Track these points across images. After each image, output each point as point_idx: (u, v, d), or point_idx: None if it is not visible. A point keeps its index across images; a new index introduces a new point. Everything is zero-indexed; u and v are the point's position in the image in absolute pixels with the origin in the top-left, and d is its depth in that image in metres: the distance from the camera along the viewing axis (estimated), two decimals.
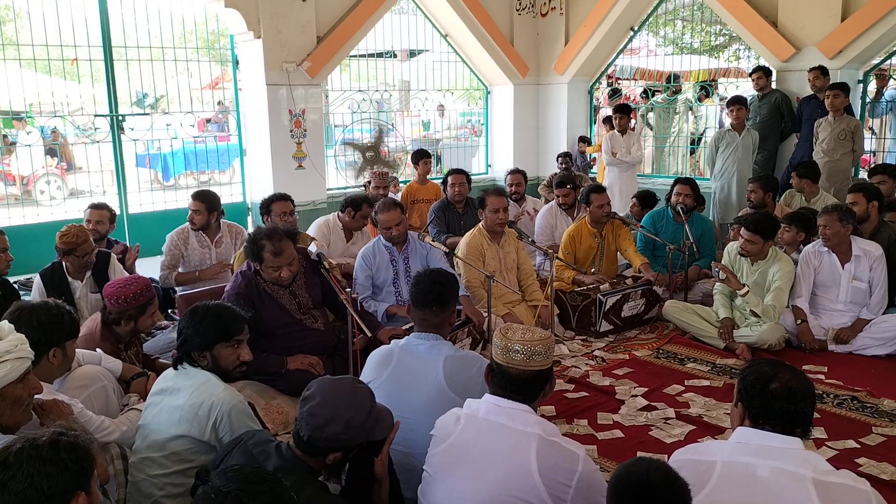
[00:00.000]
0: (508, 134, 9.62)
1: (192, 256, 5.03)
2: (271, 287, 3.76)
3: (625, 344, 4.89)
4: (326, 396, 2.13)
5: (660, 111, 9.73)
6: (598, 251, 5.49)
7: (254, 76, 7.33)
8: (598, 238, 5.48)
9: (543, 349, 2.16)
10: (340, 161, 8.64)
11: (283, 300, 3.78)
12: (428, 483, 2.23)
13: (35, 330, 2.46)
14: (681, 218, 5.62)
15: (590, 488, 2.06)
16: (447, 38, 9.12)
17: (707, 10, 8.64)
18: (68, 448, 1.63)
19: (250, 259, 3.75)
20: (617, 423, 3.67)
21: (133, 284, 3.33)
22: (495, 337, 2.21)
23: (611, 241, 5.57)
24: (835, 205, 4.77)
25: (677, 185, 5.78)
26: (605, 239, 5.54)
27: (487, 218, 4.92)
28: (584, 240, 5.47)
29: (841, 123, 6.70)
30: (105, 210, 5.03)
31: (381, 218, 4.56)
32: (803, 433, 1.96)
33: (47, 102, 7.40)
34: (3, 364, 2.07)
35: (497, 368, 2.18)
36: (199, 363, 2.59)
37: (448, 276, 2.95)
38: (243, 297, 3.60)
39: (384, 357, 2.79)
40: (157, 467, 2.49)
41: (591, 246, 5.46)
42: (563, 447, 2.09)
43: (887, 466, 3.15)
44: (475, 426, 2.17)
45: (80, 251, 4.16)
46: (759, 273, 4.72)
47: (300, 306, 3.84)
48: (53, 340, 2.57)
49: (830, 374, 4.25)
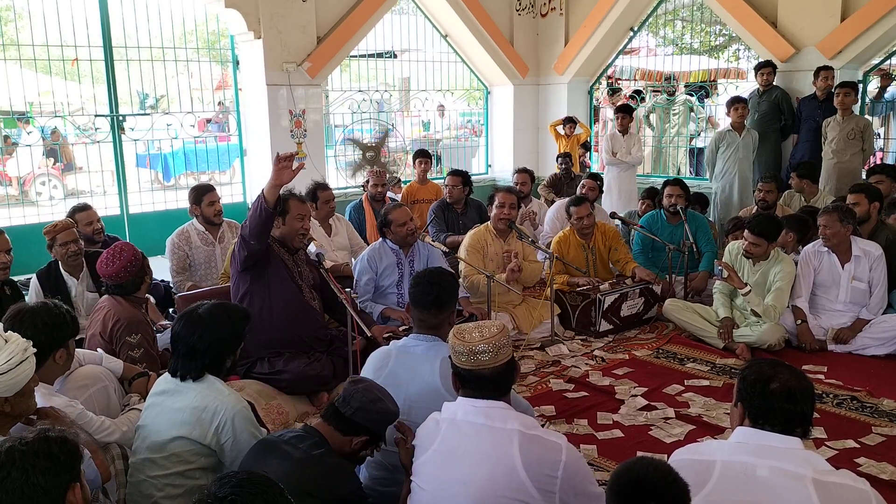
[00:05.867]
0: (508, 134, 9.62)
1: (196, 255, 4.99)
2: (277, 248, 3.89)
3: (624, 344, 4.89)
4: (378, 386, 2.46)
5: (660, 111, 9.74)
6: (589, 261, 5.38)
7: (254, 76, 7.33)
8: (586, 250, 5.39)
9: (505, 340, 2.18)
10: (341, 161, 8.65)
11: (288, 263, 3.92)
12: (417, 493, 2.21)
13: (39, 332, 2.47)
14: (676, 218, 5.63)
15: (576, 476, 2.07)
16: (447, 38, 9.12)
17: (707, 10, 8.64)
18: (58, 442, 1.69)
19: None
20: (617, 423, 3.67)
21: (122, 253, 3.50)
22: (454, 345, 2.19)
23: (602, 249, 5.47)
24: (835, 205, 4.75)
25: (667, 186, 5.77)
26: (595, 248, 5.44)
27: (493, 213, 5.01)
28: (571, 249, 5.38)
29: (850, 123, 6.67)
30: (91, 209, 5.02)
31: (394, 217, 4.55)
32: (803, 433, 1.96)
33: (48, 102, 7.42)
34: (28, 360, 2.19)
35: (468, 374, 2.17)
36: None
37: (446, 277, 2.92)
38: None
39: (382, 358, 2.78)
40: (156, 468, 2.49)
41: (579, 255, 5.36)
42: (545, 439, 2.10)
43: (887, 466, 3.15)
44: (455, 430, 2.16)
45: (59, 239, 4.17)
46: (761, 273, 4.72)
47: (301, 276, 3.96)
48: (58, 341, 2.58)
49: (830, 374, 4.25)
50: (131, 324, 3.40)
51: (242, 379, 3.74)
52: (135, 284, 3.51)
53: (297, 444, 2.27)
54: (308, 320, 3.91)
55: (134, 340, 3.39)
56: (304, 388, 3.79)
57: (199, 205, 4.98)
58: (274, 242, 3.88)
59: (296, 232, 3.92)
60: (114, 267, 3.45)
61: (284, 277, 3.86)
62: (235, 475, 1.59)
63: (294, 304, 3.85)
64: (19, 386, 2.18)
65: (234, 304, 2.97)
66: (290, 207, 3.88)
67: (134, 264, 3.48)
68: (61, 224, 4.24)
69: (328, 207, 5.51)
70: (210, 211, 4.97)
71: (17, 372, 2.15)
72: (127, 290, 3.49)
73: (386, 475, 2.58)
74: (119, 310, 3.43)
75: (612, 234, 5.53)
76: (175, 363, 2.57)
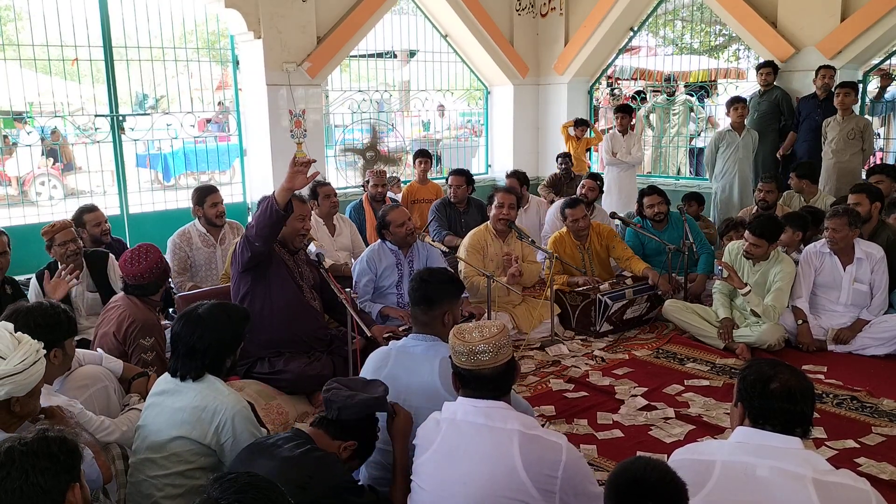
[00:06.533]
0: (508, 134, 9.62)
1: (197, 256, 4.99)
2: (278, 248, 3.89)
3: (624, 344, 4.89)
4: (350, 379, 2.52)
5: (660, 111, 9.73)
6: (585, 262, 5.38)
7: (254, 76, 7.33)
8: (581, 251, 5.40)
9: (505, 340, 2.18)
10: (341, 161, 8.64)
11: (288, 263, 3.92)
12: (417, 493, 2.21)
13: (33, 332, 2.45)
14: (661, 225, 5.70)
15: (576, 476, 2.07)
16: (447, 38, 9.12)
17: (707, 10, 8.64)
18: (57, 442, 1.69)
19: None
20: (617, 423, 3.67)
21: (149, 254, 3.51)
22: (454, 345, 2.19)
23: (598, 249, 5.48)
24: (844, 208, 4.68)
25: (645, 197, 5.77)
26: (591, 249, 5.45)
27: (492, 213, 5.02)
28: (567, 249, 5.38)
29: (850, 122, 6.67)
30: (98, 210, 5.02)
31: (392, 218, 4.56)
32: (803, 433, 1.96)
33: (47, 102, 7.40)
34: (40, 361, 2.20)
35: (468, 374, 2.17)
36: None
37: (442, 276, 2.90)
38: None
39: (381, 358, 2.78)
40: (156, 468, 2.48)
41: (575, 255, 5.37)
42: (545, 439, 2.10)
43: (887, 466, 3.16)
44: (456, 430, 2.16)
45: (58, 239, 4.17)
46: (761, 273, 4.72)
47: (301, 276, 3.96)
48: (53, 341, 2.57)
49: (830, 374, 4.25)
50: (146, 326, 3.41)
51: (242, 379, 3.74)
52: (156, 286, 3.55)
53: (283, 444, 2.27)
54: (308, 320, 3.92)
55: (147, 343, 3.40)
56: (304, 388, 3.80)
57: (201, 206, 4.98)
58: (275, 243, 3.89)
59: (296, 232, 3.92)
60: (139, 267, 3.46)
61: (285, 277, 3.86)
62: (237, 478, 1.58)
63: (295, 304, 3.85)
64: (31, 386, 2.18)
65: (234, 304, 2.97)
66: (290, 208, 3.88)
67: (159, 266, 3.53)
68: (59, 224, 4.25)
69: (329, 203, 5.50)
70: (213, 212, 4.96)
71: (32, 372, 2.16)
72: (148, 290, 3.52)
73: (386, 475, 2.58)
74: (134, 311, 3.44)
75: (607, 233, 5.53)
76: (175, 363, 2.57)
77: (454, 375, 2.24)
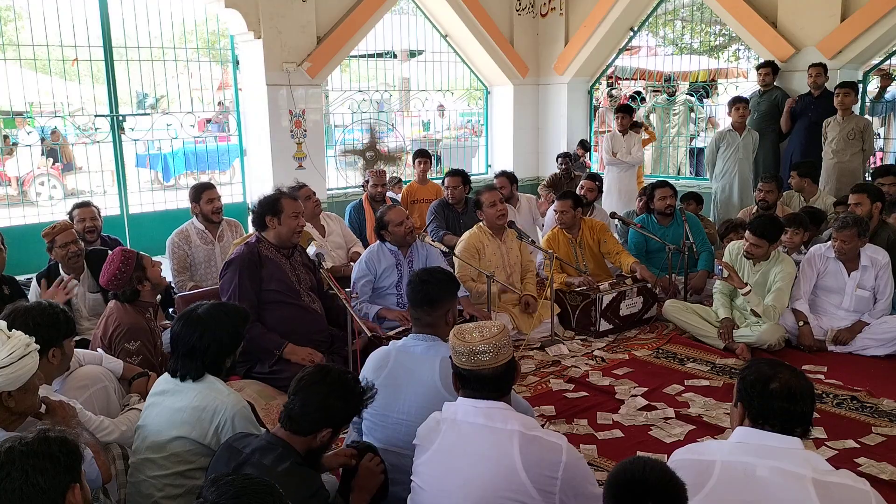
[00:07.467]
0: (508, 134, 9.62)
1: (196, 254, 4.98)
2: (273, 253, 3.86)
3: (624, 344, 4.89)
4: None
5: (660, 111, 9.73)
6: (578, 257, 5.40)
7: (254, 76, 7.33)
8: (573, 244, 5.43)
9: (506, 340, 2.18)
10: (341, 161, 8.64)
11: (284, 267, 3.87)
12: (417, 493, 2.21)
13: (32, 331, 2.45)
14: (667, 220, 5.70)
15: (576, 476, 2.07)
16: (447, 38, 9.12)
17: (707, 10, 8.64)
18: (58, 442, 1.68)
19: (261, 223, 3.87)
20: (617, 423, 3.67)
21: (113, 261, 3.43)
22: (454, 345, 2.18)
23: (591, 243, 5.49)
24: (854, 219, 4.63)
25: (658, 189, 5.77)
26: (584, 243, 5.47)
27: (487, 214, 5.00)
28: (561, 246, 5.40)
29: (850, 123, 6.66)
30: (91, 206, 5.02)
31: (390, 218, 4.54)
32: (803, 433, 1.96)
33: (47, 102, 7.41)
34: (30, 354, 2.20)
35: (468, 374, 2.16)
36: None
37: (439, 275, 2.89)
38: (246, 263, 3.74)
39: (381, 358, 2.77)
40: (156, 468, 2.48)
41: (568, 252, 5.39)
42: (545, 440, 2.09)
43: (887, 466, 3.16)
44: (456, 430, 2.16)
45: (59, 240, 4.16)
46: (761, 274, 4.72)
47: (299, 280, 3.92)
48: (51, 340, 2.58)
49: (830, 375, 4.25)
50: (131, 330, 3.36)
51: (242, 379, 3.74)
52: (132, 292, 3.45)
53: (262, 458, 2.16)
54: (308, 324, 3.87)
55: (132, 347, 3.35)
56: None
57: (198, 202, 4.98)
58: (269, 248, 3.85)
59: (292, 231, 3.89)
60: (104, 278, 3.44)
61: (280, 280, 3.81)
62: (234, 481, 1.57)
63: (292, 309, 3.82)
64: (22, 380, 2.18)
65: (233, 304, 2.96)
66: (283, 207, 3.84)
67: (123, 273, 3.39)
68: (60, 225, 4.24)
69: (312, 203, 5.37)
70: (209, 208, 4.96)
71: (20, 366, 2.16)
72: (125, 297, 3.45)
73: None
74: (121, 315, 3.41)
75: (599, 228, 5.55)
76: (175, 363, 2.57)
77: (454, 376, 2.24)
